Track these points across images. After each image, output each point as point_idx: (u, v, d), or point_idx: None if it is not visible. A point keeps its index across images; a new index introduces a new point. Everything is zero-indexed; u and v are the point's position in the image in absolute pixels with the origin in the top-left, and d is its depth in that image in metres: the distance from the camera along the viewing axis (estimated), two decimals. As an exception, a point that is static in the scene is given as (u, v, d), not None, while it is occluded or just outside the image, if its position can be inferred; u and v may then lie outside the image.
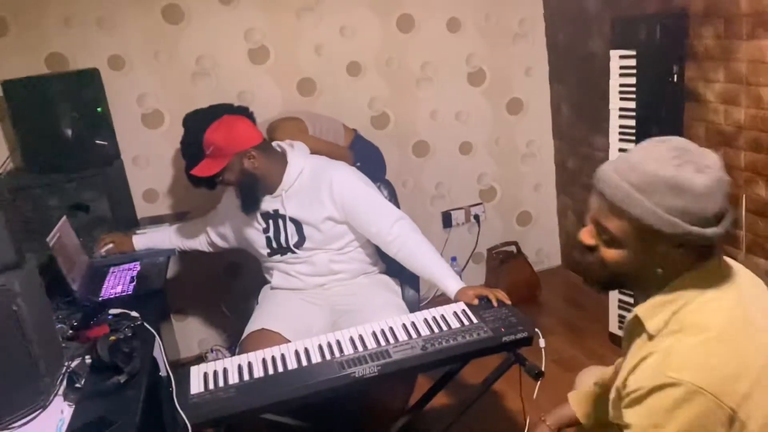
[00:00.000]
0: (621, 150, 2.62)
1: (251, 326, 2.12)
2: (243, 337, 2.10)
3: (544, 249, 3.71)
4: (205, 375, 1.69)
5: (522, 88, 3.43)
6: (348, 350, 1.74)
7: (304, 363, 1.71)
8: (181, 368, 1.74)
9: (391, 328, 1.83)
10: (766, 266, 2.25)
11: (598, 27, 2.92)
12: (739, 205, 2.30)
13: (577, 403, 1.55)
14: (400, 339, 1.77)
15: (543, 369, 1.75)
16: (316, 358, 1.72)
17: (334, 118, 2.86)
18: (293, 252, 2.23)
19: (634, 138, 2.54)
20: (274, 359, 1.74)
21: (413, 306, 2.26)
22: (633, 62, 2.50)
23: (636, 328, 1.12)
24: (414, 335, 1.79)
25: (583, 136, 3.24)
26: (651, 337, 1.08)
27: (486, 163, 3.48)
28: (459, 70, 3.30)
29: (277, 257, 2.27)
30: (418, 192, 3.38)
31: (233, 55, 2.94)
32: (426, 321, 1.87)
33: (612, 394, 1.17)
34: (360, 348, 1.75)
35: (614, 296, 2.79)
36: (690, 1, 2.35)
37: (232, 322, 2.99)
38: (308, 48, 3.03)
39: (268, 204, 2.22)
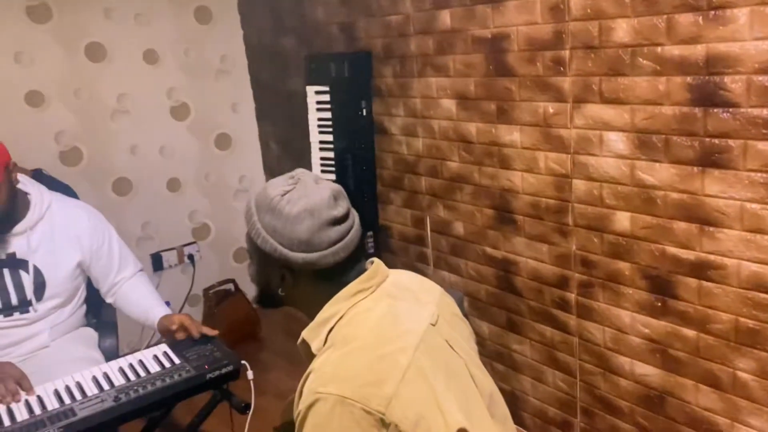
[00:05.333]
0: (323, 180, 2.74)
1: None
2: None
3: (262, 284, 3.70)
4: None
5: (229, 123, 3.42)
6: (22, 416, 1.49)
7: (-41, 441, 1.41)
8: None
9: (78, 383, 1.63)
10: (450, 278, 2.53)
11: (296, 65, 3.05)
12: (425, 226, 2.57)
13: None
14: (89, 393, 1.59)
15: (252, 402, 1.72)
16: (-25, 433, 1.43)
17: None
18: (26, 309, 1.83)
19: (334, 169, 2.68)
20: None
21: (111, 355, 2.04)
22: (327, 97, 2.65)
23: (308, 351, 1.14)
24: (106, 387, 1.62)
25: (291, 171, 3.33)
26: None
27: (197, 200, 3.37)
28: (160, 103, 3.16)
29: None
30: (121, 233, 3.07)
31: None
32: (121, 369, 1.70)
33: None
34: (38, 411, 1.51)
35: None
36: (371, 42, 2.58)
37: None
38: (-27, 73, 2.62)
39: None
